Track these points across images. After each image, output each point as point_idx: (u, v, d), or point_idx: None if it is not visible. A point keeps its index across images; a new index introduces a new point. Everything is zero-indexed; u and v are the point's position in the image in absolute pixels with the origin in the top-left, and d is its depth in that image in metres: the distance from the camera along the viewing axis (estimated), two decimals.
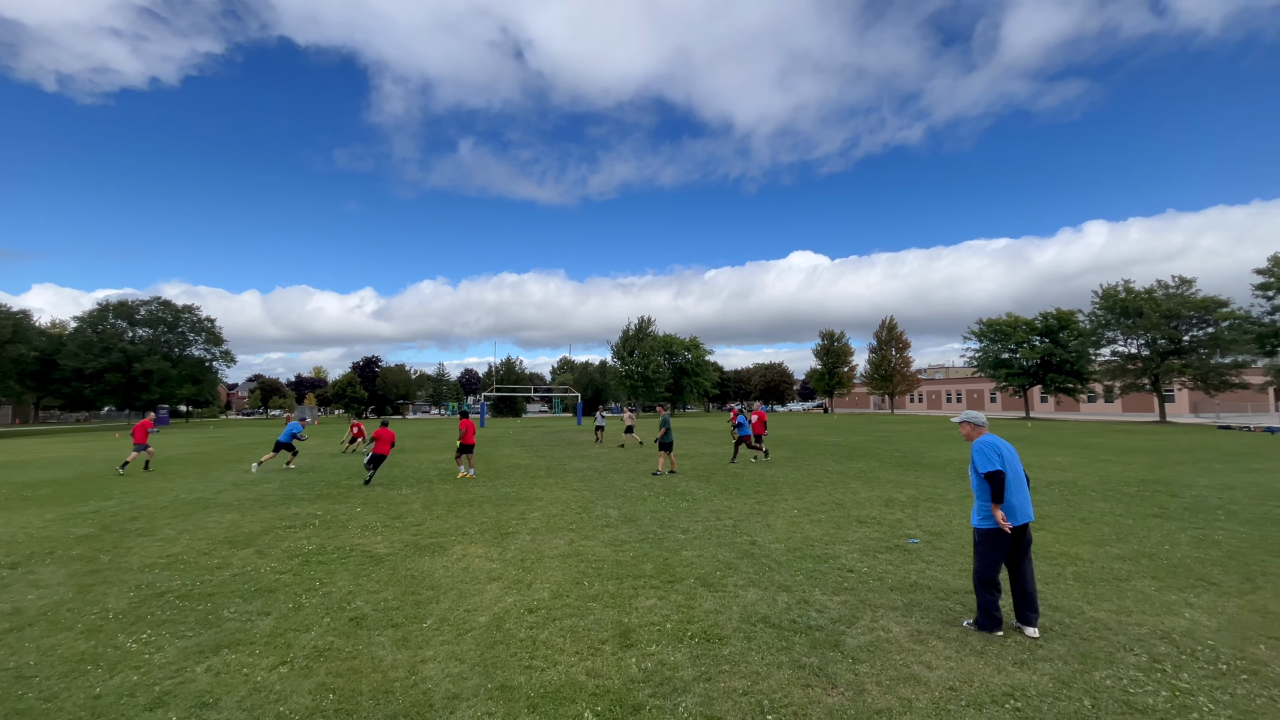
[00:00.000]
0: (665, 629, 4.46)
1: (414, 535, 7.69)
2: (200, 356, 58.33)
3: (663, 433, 13.40)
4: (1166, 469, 13.28)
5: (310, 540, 7.48)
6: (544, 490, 11.27)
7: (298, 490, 11.64)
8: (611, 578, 5.74)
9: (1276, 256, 27.55)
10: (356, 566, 6.30)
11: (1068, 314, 42.18)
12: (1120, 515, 8.32)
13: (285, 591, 5.48)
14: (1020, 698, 3.40)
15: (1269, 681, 3.57)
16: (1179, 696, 3.40)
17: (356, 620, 4.74)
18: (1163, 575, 5.61)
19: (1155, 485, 10.89)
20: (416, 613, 4.89)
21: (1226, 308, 32.21)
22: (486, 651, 4.11)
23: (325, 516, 8.98)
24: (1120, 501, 9.36)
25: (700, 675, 3.71)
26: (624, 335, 65.81)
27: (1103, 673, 3.69)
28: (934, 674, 3.69)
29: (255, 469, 15.15)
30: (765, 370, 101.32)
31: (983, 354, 46.27)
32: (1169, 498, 9.66)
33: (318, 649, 4.19)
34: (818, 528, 7.80)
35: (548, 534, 7.64)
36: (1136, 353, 36.69)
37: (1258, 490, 10.22)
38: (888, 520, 8.16)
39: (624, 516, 8.68)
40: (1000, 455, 4.36)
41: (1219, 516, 8.16)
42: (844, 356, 70.21)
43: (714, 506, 9.40)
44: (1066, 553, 6.41)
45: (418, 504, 9.96)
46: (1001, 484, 4.24)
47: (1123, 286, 36.32)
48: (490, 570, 6.08)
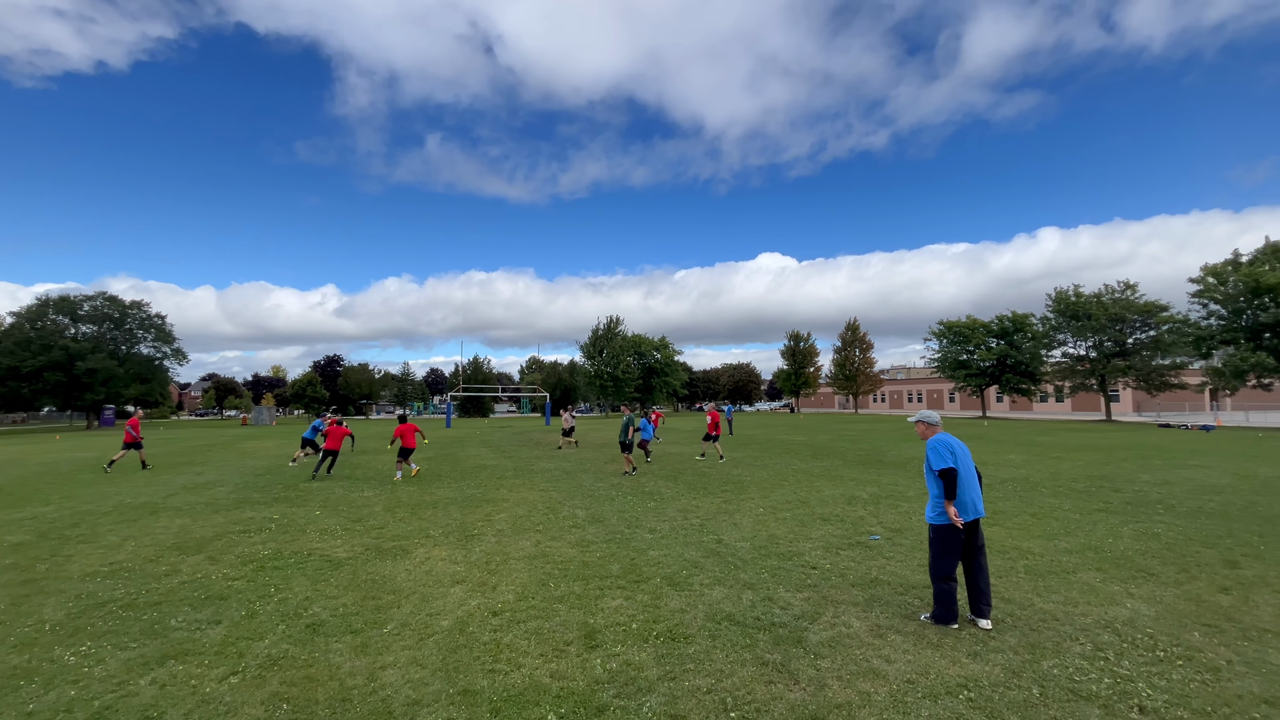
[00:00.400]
0: (631, 629, 4.45)
1: (375, 539, 7.51)
2: (149, 355, 55.77)
3: (632, 433, 13.41)
4: (1111, 465, 13.90)
5: (266, 545, 7.24)
6: (511, 491, 11.15)
7: (253, 494, 11.25)
8: (578, 579, 5.71)
9: (1208, 266, 29.18)
10: (314, 571, 6.12)
11: (1022, 317, 43.80)
12: (1069, 510, 8.67)
13: (238, 599, 5.29)
14: (973, 688, 3.50)
15: (1202, 666, 3.76)
16: (1120, 683, 3.56)
17: (313, 627, 4.60)
18: (1107, 567, 5.87)
19: (1101, 481, 11.39)
20: (377, 618, 4.78)
21: (1166, 312, 34.02)
22: (449, 656, 4.04)
23: (282, 520, 8.70)
24: (1069, 497, 9.76)
25: (665, 675, 3.73)
26: (593, 335, 65.60)
27: (1050, 662, 3.84)
28: (892, 667, 3.78)
29: (293, 464, 16.08)
30: (733, 370, 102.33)
31: (942, 355, 47.66)
32: (1113, 493, 10.12)
33: (271, 658, 4.06)
34: (783, 526, 7.91)
35: (514, 535, 7.56)
36: (1085, 354, 38.36)
37: (1193, 485, 10.79)
38: (850, 517, 8.33)
39: (591, 517, 8.65)
40: (953, 453, 4.50)
41: (1158, 510, 8.58)
42: (810, 357, 71.45)
43: (682, 506, 9.45)
44: (1018, 547, 6.65)
45: (380, 506, 9.73)
46: (954, 481, 4.38)
47: (1073, 291, 37.95)
48: (454, 573, 5.98)
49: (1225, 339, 28.70)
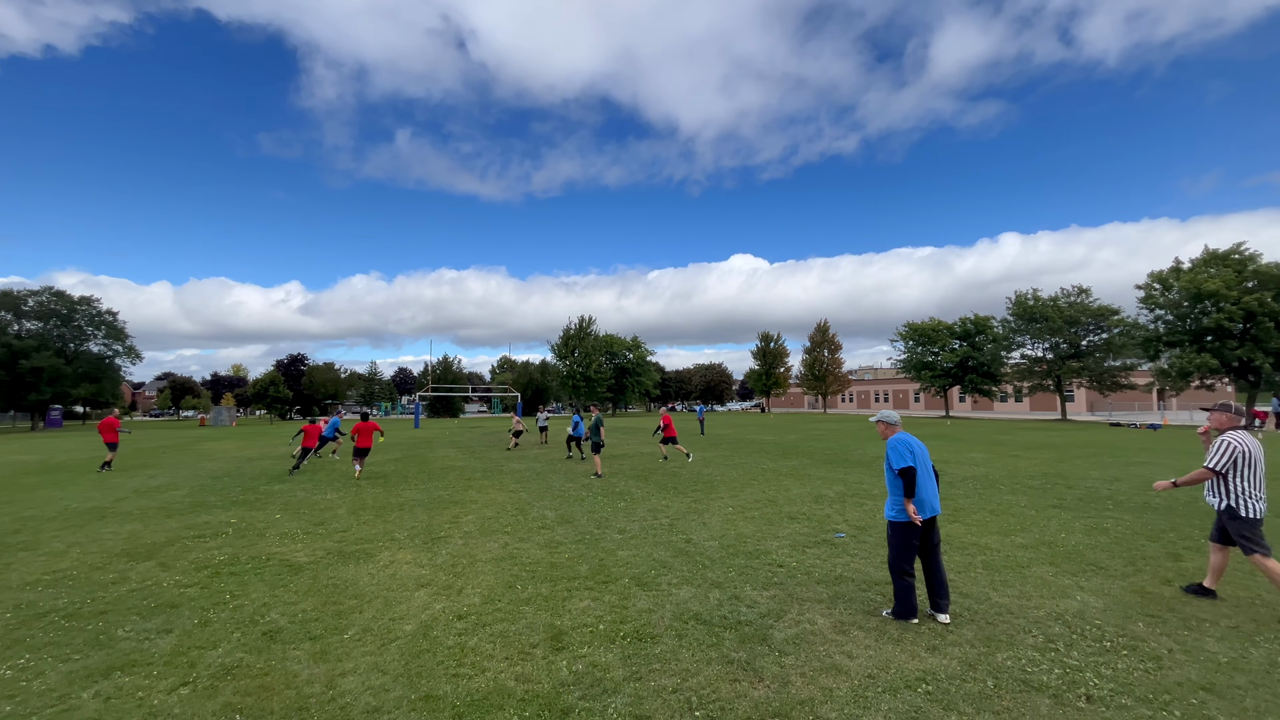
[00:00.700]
0: (598, 630, 4.44)
1: (338, 542, 7.33)
2: (99, 353, 53.40)
3: (591, 433, 13.33)
4: (1065, 463, 14.43)
5: (222, 550, 7.00)
6: (479, 493, 11.02)
7: (210, 497, 10.87)
8: (545, 580, 5.67)
9: (1154, 272, 30.62)
10: (273, 577, 5.94)
11: (984, 319, 45.16)
12: (1025, 507, 8.96)
13: (190, 606, 5.10)
14: (931, 681, 3.59)
15: (1145, 655, 3.93)
16: (1069, 673, 3.69)
17: (270, 634, 4.47)
18: (1059, 561, 6.08)
19: (1055, 478, 11.81)
20: (337, 624, 4.67)
21: (1117, 315, 35.51)
22: (411, 661, 3.97)
23: (240, 524, 8.43)
24: (1025, 494, 10.09)
25: (631, 675, 3.72)
26: (564, 334, 65.27)
27: (1004, 654, 3.96)
28: (854, 663, 3.85)
29: (335, 456, 17.91)
30: (705, 371, 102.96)
31: (908, 357, 48.79)
32: (1066, 489, 10.50)
33: (225, 667, 3.92)
34: (751, 524, 7.99)
35: (481, 537, 7.47)
36: (1042, 356, 39.74)
37: (1140, 482, 11.26)
38: (817, 516, 8.46)
39: (561, 518, 8.61)
40: (912, 452, 4.59)
41: (1108, 506, 8.94)
42: (780, 358, 72.38)
43: (651, 506, 9.46)
44: (977, 543, 6.84)
45: (344, 509, 9.51)
46: (913, 479, 4.47)
47: (1031, 295, 39.29)
48: (419, 577, 5.88)
49: (1171, 341, 30.09)
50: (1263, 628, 4.36)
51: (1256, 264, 27.83)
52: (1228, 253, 29.14)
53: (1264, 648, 4.02)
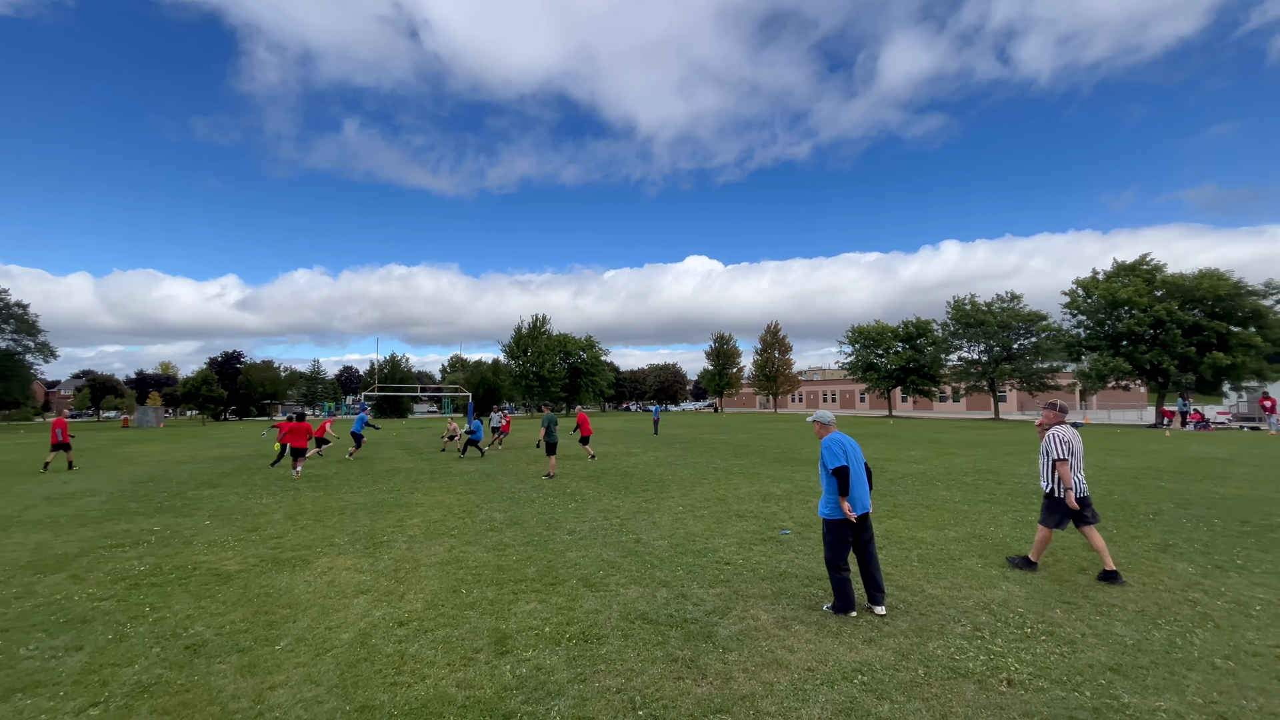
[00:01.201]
0: (544, 633, 4.40)
1: (273, 549, 7.01)
2: (8, 348, 49.26)
3: (544, 433, 13.19)
4: (997, 460, 15.23)
5: (143, 560, 6.58)
6: (426, 495, 10.74)
7: (131, 503, 10.20)
8: (491, 584, 5.58)
9: (1079, 280, 32.76)
10: (199, 587, 5.62)
11: (925, 323, 47.18)
12: (959, 502, 9.41)
13: (105, 621, 4.77)
14: (867, 672, 3.73)
15: (1061, 640, 4.19)
16: (993, 659, 3.90)
17: (194, 648, 4.23)
18: (987, 553, 6.41)
19: (987, 474, 12.45)
20: (268, 634, 4.46)
21: (1045, 321, 37.79)
22: (348, 671, 3.83)
23: (164, 532, 7.94)
24: (960, 490, 10.60)
25: (575, 677, 3.71)
26: (517, 333, 64.37)
27: (935, 643, 4.14)
28: (795, 657, 3.95)
29: (350, 456, 17.63)
30: (660, 371, 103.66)
31: (854, 358, 50.46)
32: (996, 485, 11.09)
33: (142, 684, 3.69)
34: (700, 523, 8.08)
35: (426, 541, 7.28)
36: (978, 358, 41.85)
37: None
38: (764, 513, 8.64)
39: (510, 520, 8.49)
40: (845, 451, 4.74)
41: (1033, 500, 9.47)
42: (733, 358, 73.51)
43: (602, 506, 9.45)
44: (914, 537, 7.14)
45: (280, 514, 9.09)
46: (847, 478, 4.62)
47: (969, 300, 41.32)
48: (359, 583, 5.68)
49: (1091, 345, 32.24)
50: (1165, 610, 4.71)
51: (1163, 274, 30.17)
52: (1135, 264, 31.46)
53: (1165, 629, 4.35)
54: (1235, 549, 6.47)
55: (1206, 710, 3.25)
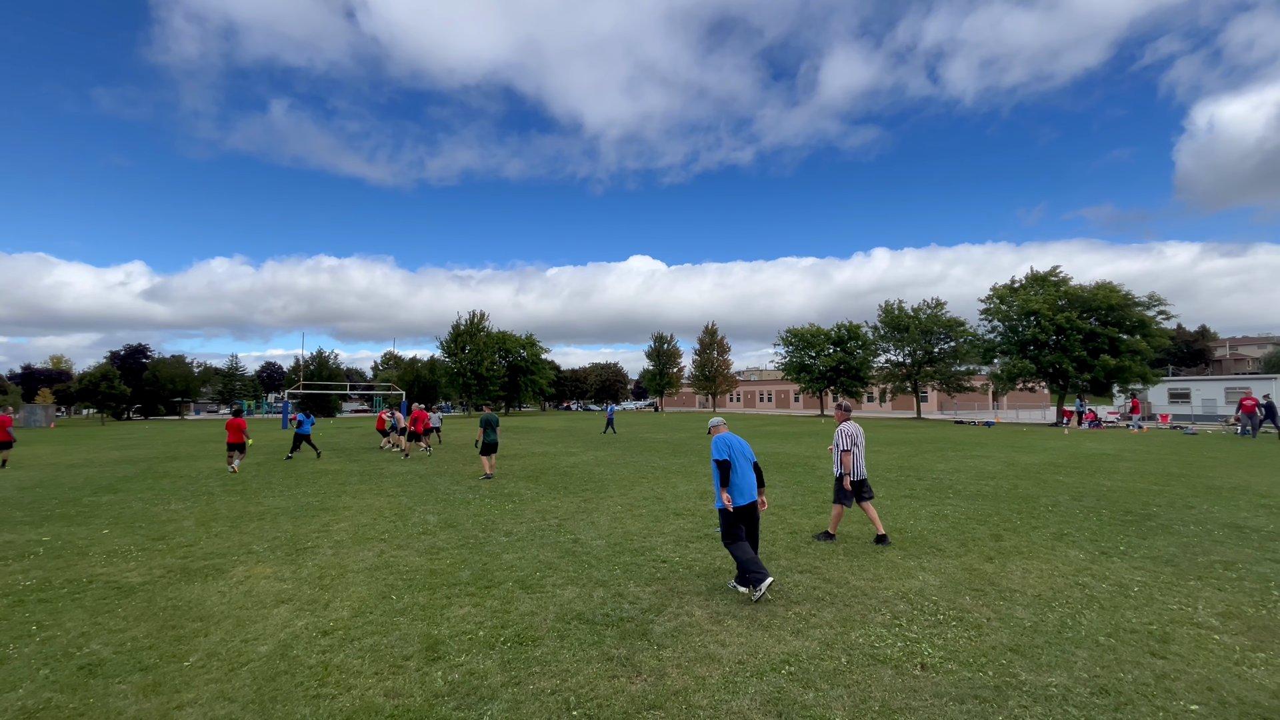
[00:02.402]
0: (477, 637, 4.33)
1: (182, 558, 6.54)
2: None
3: (481, 433, 12.89)
4: (918, 457, 16.16)
5: (29, 574, 6.00)
6: (354, 498, 10.30)
7: (15, 511, 9.26)
8: (424, 589, 5.43)
9: (997, 288, 35.31)
10: (96, 602, 5.18)
11: (855, 327, 49.39)
12: (882, 498, 9.92)
13: None
14: (794, 663, 3.89)
15: (969, 625, 4.51)
16: (909, 645, 4.15)
17: (89, 668, 3.90)
18: (907, 546, 6.81)
19: (909, 470, 13.19)
20: (176, 650, 4.17)
21: (963, 326, 40.45)
22: (266, 685, 3.64)
23: (55, 543, 7.27)
24: (883, 486, 11.17)
25: (509, 680, 3.68)
26: (454, 330, 62.62)
27: (858, 633, 4.37)
28: (726, 651, 4.07)
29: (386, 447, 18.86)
30: (601, 370, 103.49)
31: (789, 359, 52.18)
32: (916, 481, 11.77)
33: (26, 710, 3.37)
34: (638, 522, 8.16)
35: (354, 546, 7.00)
36: (903, 360, 44.25)
37: (975, 472, 12.89)
38: (701, 511, 8.81)
39: (444, 522, 8.27)
40: (730, 448, 5.41)
41: (949, 495, 10.13)
42: (673, 358, 74.38)
43: (540, 507, 9.37)
44: (841, 532, 7.48)
45: (190, 520, 8.49)
46: (728, 470, 5.26)
47: (898, 305, 43.64)
48: (279, 592, 5.40)
49: (1003, 350, 34.77)
50: (1058, 594, 5.16)
51: (1068, 286, 32.94)
52: (1046, 274, 34.20)
53: (1058, 611, 4.76)
54: (1119, 536, 7.15)
55: (1091, 684, 3.59)
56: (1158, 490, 10.32)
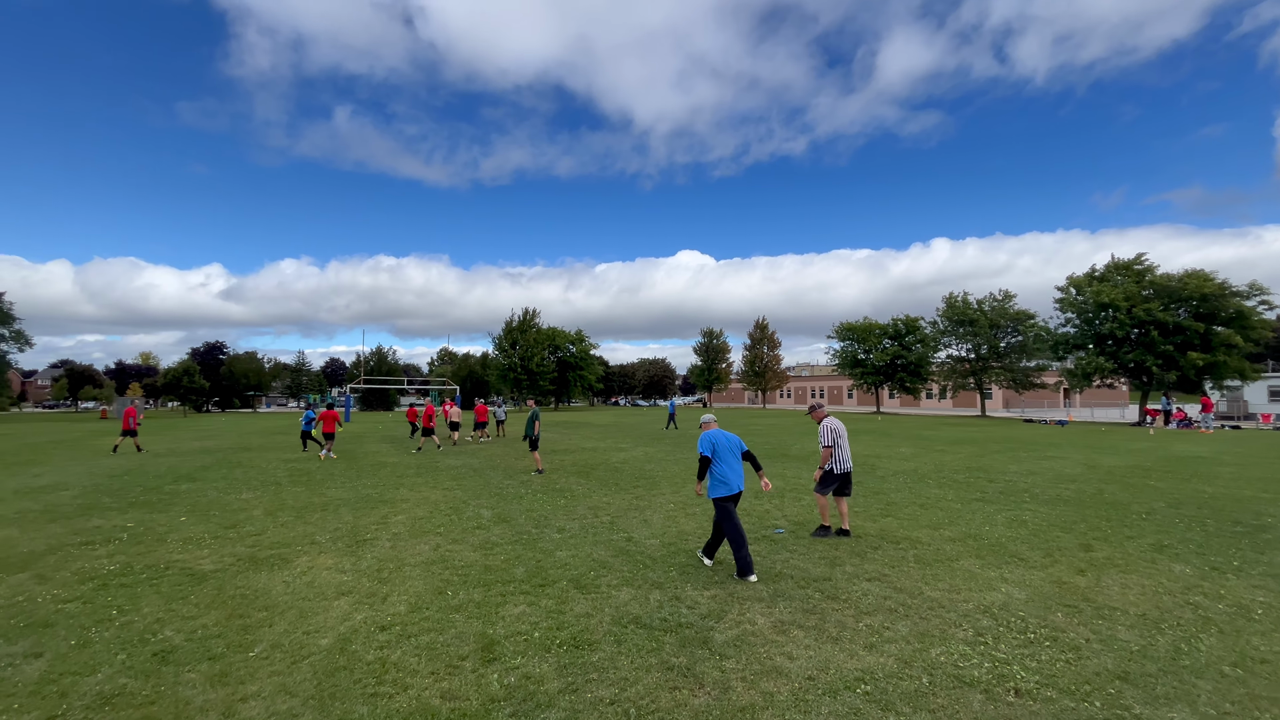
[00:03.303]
0: (533, 638, 4.22)
1: (251, 547, 6.76)
2: None
3: (530, 429, 12.88)
4: (986, 457, 15.25)
5: (113, 559, 6.31)
6: (411, 490, 10.50)
7: (104, 498, 9.87)
8: (479, 585, 5.39)
9: (1073, 277, 32.96)
10: (171, 588, 5.38)
11: (914, 320, 47.39)
12: (951, 500, 9.34)
13: (68, 624, 4.52)
14: (870, 681, 3.59)
15: (1065, 646, 4.08)
16: (998, 666, 3.78)
17: (162, 655, 4.00)
18: (984, 554, 6.32)
19: (978, 472, 12.43)
20: (242, 640, 4.24)
21: (1033, 320, 38.10)
22: (325, 680, 3.63)
23: (138, 529, 7.66)
24: (952, 488, 10.55)
25: (566, 687, 3.54)
26: (507, 326, 63.86)
27: (938, 650, 4.02)
28: (794, 664, 3.81)
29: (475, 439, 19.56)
30: (649, 365, 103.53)
31: (842, 354, 50.63)
32: (988, 483, 11.06)
33: (103, 695, 3.46)
34: (692, 521, 7.94)
35: (411, 539, 7.07)
36: (966, 356, 42.13)
37: (1052, 475, 12.02)
38: (756, 511, 8.51)
39: (498, 517, 8.29)
40: (713, 444, 5.82)
41: (1025, 499, 9.45)
42: (722, 354, 73.56)
43: (592, 503, 9.28)
44: (909, 537, 7.04)
45: (260, 510, 8.82)
46: (706, 464, 5.79)
47: (961, 298, 41.52)
48: (340, 584, 5.47)
49: (1077, 344, 32.56)
50: (1167, 615, 4.63)
51: (1154, 275, 30.46)
52: (1130, 263, 31.72)
53: (1169, 635, 4.26)
54: (1230, 550, 6.43)
55: None
56: (1270, 499, 9.31)
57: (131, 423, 17.68)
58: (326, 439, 15.78)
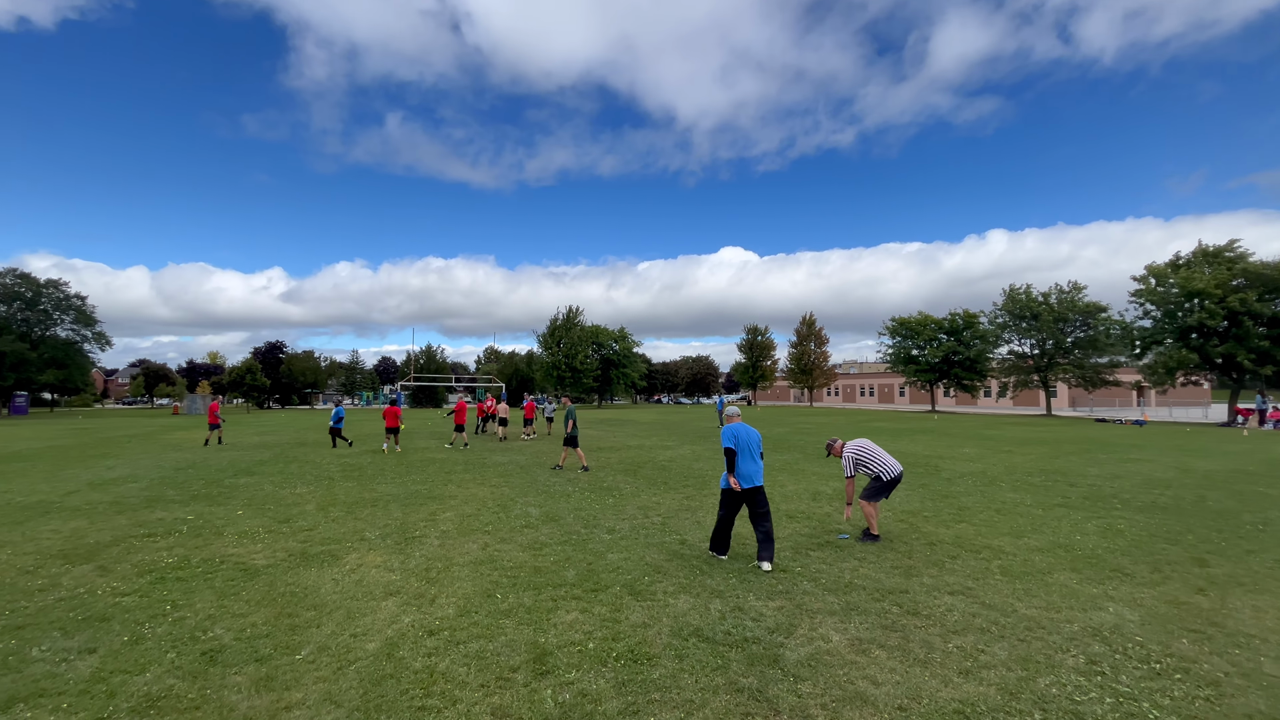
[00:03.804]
0: (587, 649, 3.93)
1: (302, 542, 6.74)
2: (67, 338, 51.59)
3: (570, 426, 12.63)
4: (1061, 459, 14.19)
5: (172, 551, 6.37)
6: (460, 487, 10.44)
7: (169, 490, 10.17)
8: (529, 588, 5.14)
9: (1152, 266, 30.47)
10: (225, 583, 5.34)
11: (972, 315, 45.15)
12: (1030, 505, 8.61)
13: (124, 619, 4.50)
14: (971, 713, 3.14)
15: (1201, 680, 3.51)
16: (1124, 702, 3.26)
17: (211, 654, 3.89)
18: (1081, 567, 5.68)
19: (1055, 475, 11.52)
20: (290, 641, 4.10)
21: (1105, 313, 35.60)
22: (371, 689, 3.42)
23: (197, 521, 7.79)
24: (1028, 491, 9.76)
25: (626, 707, 3.22)
26: (551, 325, 64.38)
27: (1046, 679, 3.52)
28: (880, 690, 3.38)
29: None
30: (692, 363, 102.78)
31: (894, 350, 48.77)
32: (1068, 487, 10.19)
33: (150, 697, 3.35)
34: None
35: (459, 537, 6.92)
36: (1029, 352, 39.83)
37: (1141, 479, 11.00)
38: (816, 514, 8.02)
39: (546, 515, 8.07)
40: (736, 438, 5.80)
41: (1115, 505, 8.61)
42: (767, 351, 72.11)
43: (642, 503, 8.97)
44: (990, 545, 6.44)
45: (312, 505, 8.88)
46: (733, 458, 5.74)
47: (1025, 290, 39.21)
48: (388, 583, 5.32)
49: (1157, 338, 30.18)
50: None
51: (1246, 263, 27.89)
52: (1221, 249, 29.16)
53: None
54: None
55: None
56: None
57: (216, 417, 18.90)
58: (390, 433, 16.43)
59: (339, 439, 17.94)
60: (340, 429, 17.92)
